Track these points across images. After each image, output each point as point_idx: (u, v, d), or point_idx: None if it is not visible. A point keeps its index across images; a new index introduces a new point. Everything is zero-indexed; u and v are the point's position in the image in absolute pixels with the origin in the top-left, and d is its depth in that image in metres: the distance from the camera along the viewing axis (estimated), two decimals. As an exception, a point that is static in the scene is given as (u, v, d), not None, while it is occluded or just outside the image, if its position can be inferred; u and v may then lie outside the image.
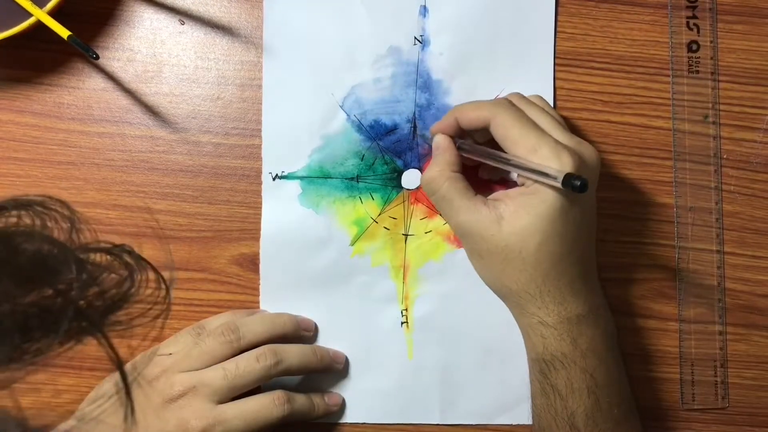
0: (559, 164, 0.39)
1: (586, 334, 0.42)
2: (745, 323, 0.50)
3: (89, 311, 0.25)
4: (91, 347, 0.49)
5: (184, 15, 0.49)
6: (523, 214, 0.40)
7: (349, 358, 0.48)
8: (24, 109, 0.48)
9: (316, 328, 0.48)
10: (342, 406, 0.48)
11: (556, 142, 0.41)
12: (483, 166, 0.47)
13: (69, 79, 0.48)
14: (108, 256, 0.26)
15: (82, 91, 0.48)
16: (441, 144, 0.45)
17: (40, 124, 0.48)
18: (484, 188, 0.47)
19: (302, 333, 0.47)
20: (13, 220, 0.25)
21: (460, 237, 0.44)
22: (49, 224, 0.26)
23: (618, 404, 0.42)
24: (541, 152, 0.40)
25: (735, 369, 0.49)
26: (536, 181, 0.40)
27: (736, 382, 0.49)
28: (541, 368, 0.42)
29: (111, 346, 0.26)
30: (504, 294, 0.43)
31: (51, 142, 0.48)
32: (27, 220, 0.26)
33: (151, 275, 0.28)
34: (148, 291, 0.27)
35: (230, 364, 0.43)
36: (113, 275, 0.26)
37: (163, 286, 0.28)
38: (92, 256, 0.26)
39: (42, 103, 0.48)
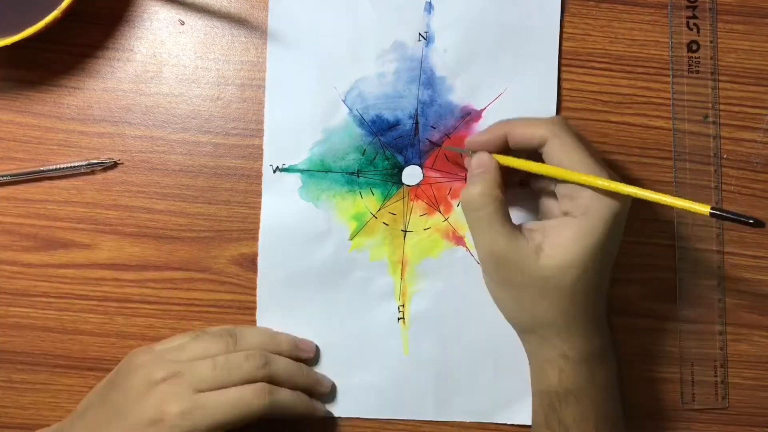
0: (616, 196, 0.40)
1: (602, 370, 0.42)
2: (746, 323, 0.50)
3: None
4: (92, 346, 0.49)
5: (184, 15, 0.49)
6: (567, 246, 0.40)
7: (344, 352, 0.48)
8: (24, 109, 0.48)
9: (317, 351, 0.48)
10: (331, 398, 0.48)
11: (610, 173, 0.40)
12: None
13: (69, 79, 0.48)
14: None
15: (82, 91, 0.48)
16: (485, 162, 0.43)
17: (40, 124, 0.48)
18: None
19: (299, 353, 0.47)
20: None
21: (492, 265, 0.42)
22: None
23: None
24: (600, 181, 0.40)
25: (735, 369, 0.49)
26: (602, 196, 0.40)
27: (737, 382, 0.49)
28: (551, 401, 0.42)
29: None
30: (528, 326, 0.43)
31: (51, 142, 0.48)
32: None
33: None
34: None
35: (220, 358, 0.44)
36: None
37: None
38: None
39: (42, 103, 0.48)
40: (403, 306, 0.49)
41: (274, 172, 0.48)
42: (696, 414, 0.49)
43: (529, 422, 0.48)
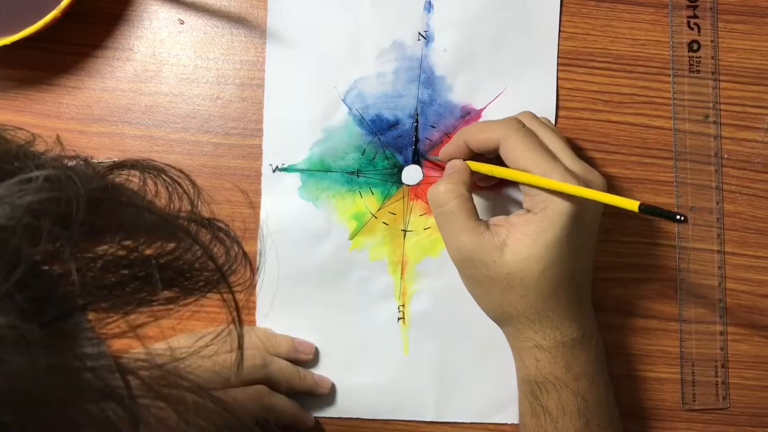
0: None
1: (579, 358, 0.42)
2: (746, 323, 0.49)
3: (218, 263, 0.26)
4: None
5: (183, 14, 0.49)
6: (528, 242, 0.40)
7: (344, 352, 0.48)
8: (24, 109, 0.48)
9: (316, 352, 0.48)
10: (331, 398, 0.48)
11: (566, 169, 0.40)
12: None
13: (69, 79, 0.48)
14: (205, 230, 0.27)
15: (81, 91, 0.48)
16: (455, 165, 0.44)
17: (40, 124, 0.48)
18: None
19: (298, 355, 0.47)
20: (135, 180, 0.26)
21: (459, 260, 0.43)
22: (170, 191, 0.27)
23: (607, 426, 0.43)
24: (551, 177, 0.40)
25: (736, 369, 0.49)
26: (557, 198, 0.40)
27: (737, 383, 0.49)
28: (533, 389, 0.42)
29: (236, 302, 0.27)
30: (501, 319, 0.43)
31: (51, 142, 0.48)
32: (149, 184, 0.26)
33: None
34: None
35: (218, 359, 0.43)
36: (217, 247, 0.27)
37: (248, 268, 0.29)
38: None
39: (42, 103, 0.48)
40: (403, 306, 0.49)
41: (274, 171, 0.48)
42: (696, 414, 0.49)
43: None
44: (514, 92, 0.48)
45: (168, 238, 0.25)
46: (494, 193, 0.48)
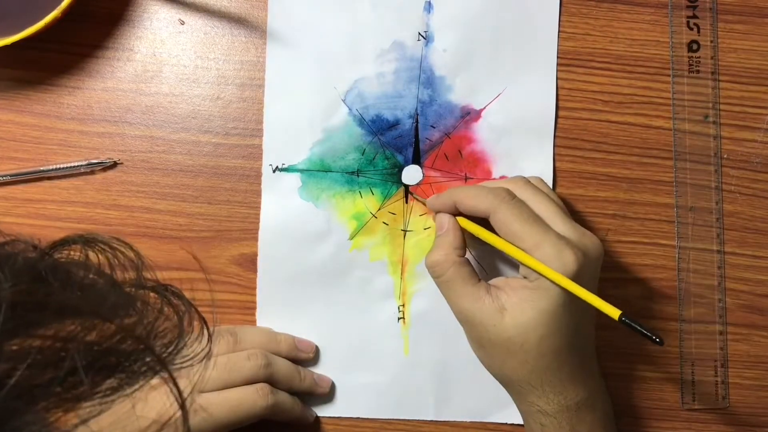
0: (560, 263, 0.39)
1: (585, 420, 0.41)
2: (746, 323, 0.49)
3: (157, 350, 0.24)
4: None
5: (184, 14, 0.49)
6: (527, 308, 0.40)
7: (344, 352, 0.48)
8: (24, 109, 0.48)
9: (317, 351, 0.48)
10: (331, 397, 0.48)
11: (559, 237, 0.40)
12: None
13: (69, 79, 0.48)
14: (155, 296, 0.26)
15: (82, 91, 0.48)
16: (445, 224, 0.44)
17: (40, 124, 0.48)
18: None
19: (298, 353, 0.47)
20: (77, 254, 0.25)
21: (462, 323, 0.43)
22: (113, 263, 0.25)
23: None
24: (543, 250, 0.39)
25: (735, 369, 0.49)
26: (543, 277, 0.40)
27: (737, 382, 0.49)
28: None
29: (176, 386, 0.26)
30: (505, 382, 0.43)
31: (51, 142, 0.48)
32: (92, 257, 0.25)
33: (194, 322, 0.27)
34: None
35: (221, 358, 0.44)
36: (166, 317, 0.26)
37: (205, 332, 0.28)
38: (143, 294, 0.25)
39: (42, 103, 0.48)
40: (403, 306, 0.49)
41: (274, 171, 0.48)
42: (696, 414, 0.49)
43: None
44: (514, 92, 0.49)
45: (113, 314, 0.23)
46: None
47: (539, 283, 0.40)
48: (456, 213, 0.44)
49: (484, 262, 0.48)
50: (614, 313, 0.38)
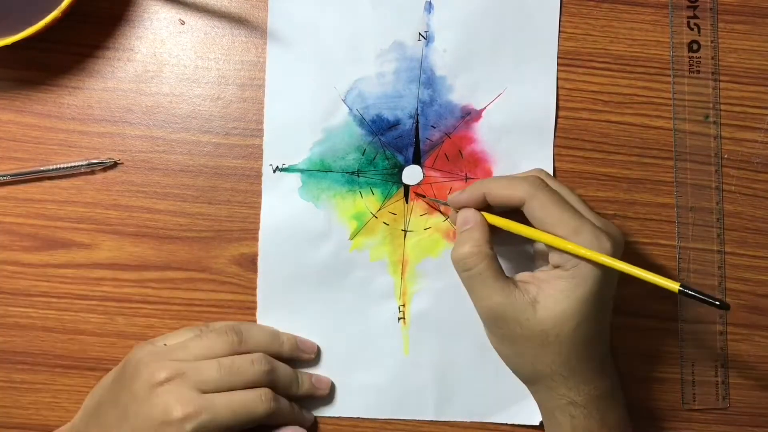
0: (598, 247, 0.39)
1: (612, 409, 0.42)
2: (746, 323, 0.49)
3: None
4: (92, 346, 0.49)
5: (184, 14, 0.49)
6: (561, 298, 0.40)
7: (344, 352, 0.48)
8: (24, 109, 0.48)
9: (318, 352, 0.48)
10: (331, 398, 0.48)
11: (594, 225, 0.40)
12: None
13: (69, 79, 0.48)
14: None
15: (82, 91, 0.48)
16: (471, 219, 0.43)
17: (41, 124, 0.48)
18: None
19: (300, 354, 0.47)
20: None
21: (491, 321, 0.42)
22: None
23: None
24: (583, 236, 0.40)
25: (736, 369, 0.49)
26: (584, 261, 0.40)
27: (737, 383, 0.49)
28: None
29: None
30: (533, 379, 0.43)
31: (51, 142, 0.48)
32: None
33: None
34: None
35: (225, 360, 0.44)
36: None
37: None
38: None
39: (42, 103, 0.48)
40: (404, 306, 0.49)
41: (274, 171, 0.48)
42: (696, 414, 0.49)
43: (529, 422, 0.48)
44: (514, 92, 0.49)
45: None
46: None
47: (576, 271, 0.40)
48: (480, 208, 0.44)
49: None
50: (673, 286, 0.38)
